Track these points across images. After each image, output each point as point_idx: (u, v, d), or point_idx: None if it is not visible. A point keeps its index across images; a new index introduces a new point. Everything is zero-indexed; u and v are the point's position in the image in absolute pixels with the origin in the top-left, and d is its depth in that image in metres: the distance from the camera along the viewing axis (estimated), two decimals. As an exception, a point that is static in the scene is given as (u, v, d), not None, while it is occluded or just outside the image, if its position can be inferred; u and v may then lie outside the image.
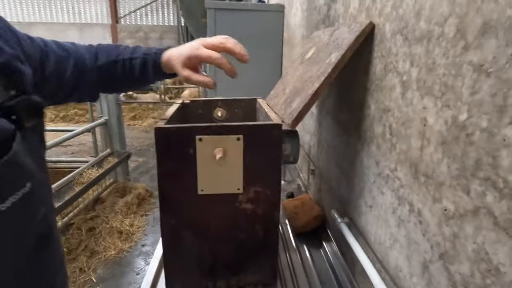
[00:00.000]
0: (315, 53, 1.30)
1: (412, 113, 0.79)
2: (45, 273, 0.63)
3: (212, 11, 2.62)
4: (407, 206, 0.82)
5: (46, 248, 0.62)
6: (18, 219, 0.52)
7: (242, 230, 0.98)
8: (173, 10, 14.37)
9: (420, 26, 0.75)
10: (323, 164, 1.52)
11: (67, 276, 0.74)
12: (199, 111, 1.38)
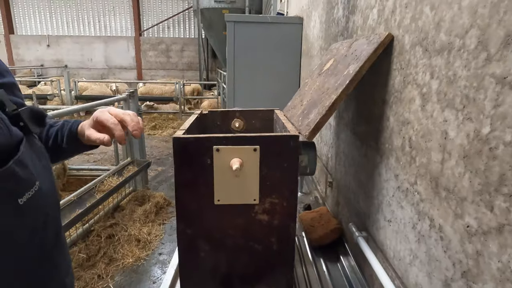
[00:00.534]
0: (333, 64, 1.30)
1: (432, 126, 0.77)
2: (57, 271, 0.68)
3: (232, 24, 2.67)
4: (428, 221, 0.79)
5: (57, 246, 0.69)
6: (32, 214, 0.59)
7: (258, 241, 0.97)
8: (194, 23, 14.72)
9: (440, 38, 0.74)
10: (341, 177, 1.50)
11: (74, 278, 0.79)
12: (217, 121, 1.40)
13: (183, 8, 14.81)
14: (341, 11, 1.55)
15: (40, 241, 0.63)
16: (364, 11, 1.24)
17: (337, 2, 1.63)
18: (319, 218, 1.47)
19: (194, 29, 14.94)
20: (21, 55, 15.63)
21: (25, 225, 0.58)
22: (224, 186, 0.91)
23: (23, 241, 0.59)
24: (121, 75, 15.32)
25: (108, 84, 10.20)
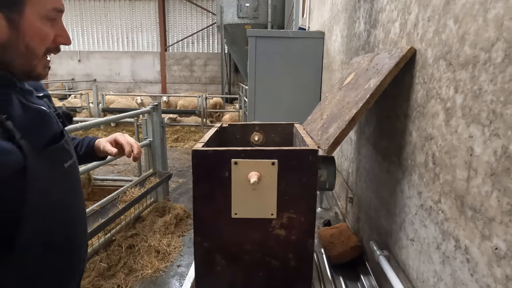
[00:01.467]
0: (354, 78, 1.29)
1: (457, 142, 0.74)
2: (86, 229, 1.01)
3: (253, 39, 2.71)
4: (453, 241, 0.76)
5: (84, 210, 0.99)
6: (72, 176, 0.89)
7: (275, 257, 0.96)
8: (217, 39, 15.07)
9: (465, 51, 0.72)
10: (362, 192, 1.47)
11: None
12: (236, 135, 1.40)
13: (207, 24, 15.22)
14: (363, 25, 1.55)
15: (79, 201, 0.93)
16: (386, 25, 1.23)
17: (359, 17, 1.63)
18: (339, 234, 1.43)
19: (217, 44, 15.28)
20: (54, 69, 16.46)
21: (70, 181, 0.88)
22: (242, 200, 0.91)
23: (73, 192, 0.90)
24: (146, 89, 15.81)
25: (134, 97, 10.53)
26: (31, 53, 0.77)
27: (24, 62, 0.77)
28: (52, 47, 0.81)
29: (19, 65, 0.77)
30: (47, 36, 0.78)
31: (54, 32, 0.80)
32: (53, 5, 0.77)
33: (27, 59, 0.77)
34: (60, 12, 0.80)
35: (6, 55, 0.74)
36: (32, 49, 0.77)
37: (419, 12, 0.96)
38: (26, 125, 0.75)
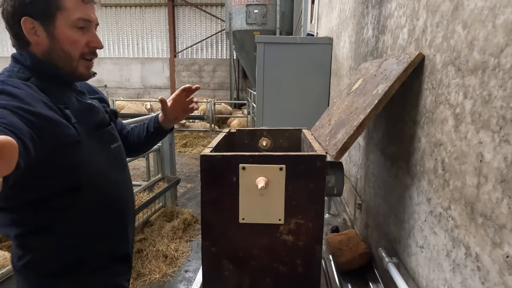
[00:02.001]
0: (362, 84, 1.29)
1: (467, 148, 0.74)
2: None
3: (262, 45, 2.73)
4: (463, 249, 0.75)
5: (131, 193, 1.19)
6: (118, 155, 1.08)
7: (282, 263, 0.95)
8: (226, 45, 15.19)
9: (474, 57, 0.72)
10: (371, 198, 1.45)
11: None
12: (244, 140, 1.41)
13: (216, 31, 15.35)
14: (371, 31, 1.55)
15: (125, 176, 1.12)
16: (394, 31, 1.23)
17: (367, 23, 1.63)
18: (347, 241, 1.42)
19: (226, 50, 15.39)
20: (66, 75, 16.72)
21: (117, 160, 1.07)
22: (249, 205, 0.91)
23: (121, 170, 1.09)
24: (155, 95, 15.97)
25: (143, 103, 10.65)
26: (68, 57, 0.93)
27: (65, 64, 0.94)
28: (86, 51, 0.96)
29: (63, 67, 0.94)
30: (78, 42, 0.93)
31: (86, 39, 0.95)
32: (79, 16, 0.91)
33: (67, 62, 0.94)
34: (88, 21, 0.94)
35: (52, 59, 0.93)
36: (68, 53, 0.93)
37: (428, 18, 0.95)
38: (79, 114, 0.94)
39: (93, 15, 0.95)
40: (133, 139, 1.29)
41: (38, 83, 0.88)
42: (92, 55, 0.99)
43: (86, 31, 0.94)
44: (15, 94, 0.78)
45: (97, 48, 0.98)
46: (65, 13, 0.89)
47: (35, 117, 0.76)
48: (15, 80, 0.84)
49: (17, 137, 0.65)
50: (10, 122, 0.68)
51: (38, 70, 0.91)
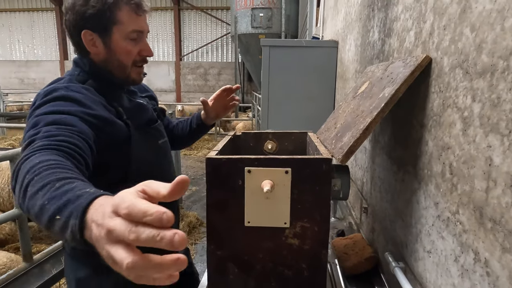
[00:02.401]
0: (368, 87, 1.28)
1: (475, 152, 0.73)
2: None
3: (267, 48, 2.74)
4: (472, 254, 0.74)
5: None
6: (164, 151, 1.18)
7: (288, 267, 0.95)
8: (231, 48, 15.25)
9: (482, 60, 0.71)
10: (377, 202, 1.44)
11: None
12: (250, 143, 1.41)
13: (222, 34, 15.43)
14: (377, 34, 1.54)
15: (170, 169, 1.19)
16: (401, 33, 1.22)
17: (373, 26, 1.62)
18: (353, 245, 1.41)
19: (231, 54, 15.45)
20: (73, 79, 16.88)
21: (163, 158, 1.13)
22: (255, 208, 0.91)
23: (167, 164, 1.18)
24: (161, 97, 16.05)
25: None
26: (122, 65, 1.03)
27: (119, 72, 1.04)
28: (138, 59, 1.05)
29: (117, 74, 1.05)
30: (131, 52, 1.03)
31: (138, 48, 1.03)
32: (132, 28, 1.00)
33: (121, 70, 1.04)
34: (140, 32, 1.03)
35: (108, 66, 1.03)
36: (122, 62, 1.03)
37: (435, 20, 0.95)
38: (130, 112, 1.06)
39: (145, 25, 1.04)
40: (177, 133, 1.42)
41: (95, 85, 1.01)
42: (143, 62, 1.08)
43: (139, 41, 1.04)
44: (78, 100, 0.90)
45: (147, 56, 1.07)
46: (120, 26, 0.98)
47: (96, 119, 0.90)
48: (76, 85, 0.96)
49: (86, 142, 0.81)
50: (80, 129, 0.82)
51: (96, 74, 1.03)
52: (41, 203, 0.56)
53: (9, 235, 3.37)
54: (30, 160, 0.66)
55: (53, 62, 16.86)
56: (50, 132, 0.76)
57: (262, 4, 10.00)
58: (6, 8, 16.51)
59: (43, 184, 0.59)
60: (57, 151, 0.71)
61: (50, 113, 0.83)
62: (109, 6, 0.95)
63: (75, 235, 0.48)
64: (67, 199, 0.53)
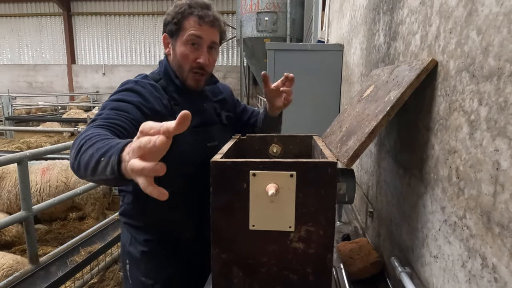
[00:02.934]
0: (373, 91, 1.28)
1: (482, 156, 0.72)
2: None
3: (272, 52, 2.74)
4: (479, 259, 0.73)
5: None
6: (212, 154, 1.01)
7: (293, 271, 0.94)
8: (237, 52, 15.31)
9: (489, 63, 0.71)
10: (383, 206, 1.43)
11: None
12: (255, 146, 1.41)
13: (227, 38, 15.50)
14: (382, 37, 1.54)
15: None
16: (406, 37, 1.22)
17: (378, 29, 1.62)
18: (359, 249, 1.40)
19: (237, 57, 15.50)
20: (80, 82, 17.11)
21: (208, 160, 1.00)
22: (260, 211, 0.91)
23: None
24: (167, 101, 16.11)
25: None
26: (181, 68, 1.17)
27: (180, 74, 1.18)
28: (195, 66, 1.15)
29: (179, 77, 1.18)
30: (188, 56, 1.14)
31: (195, 55, 1.14)
32: (189, 32, 1.12)
33: (180, 72, 1.18)
34: (198, 38, 1.13)
35: (174, 68, 1.18)
36: (181, 65, 1.16)
37: (441, 24, 0.94)
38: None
39: (204, 34, 1.13)
40: (258, 127, 1.46)
41: (164, 84, 1.17)
42: (200, 70, 1.17)
43: (198, 48, 1.14)
44: (140, 92, 1.08)
45: (202, 64, 1.15)
46: (184, 32, 1.13)
47: (149, 110, 1.06)
48: (145, 81, 1.13)
49: (135, 127, 0.96)
50: (133, 116, 1.00)
51: (166, 75, 1.20)
52: (90, 153, 0.77)
53: (16, 237, 3.40)
54: (85, 132, 0.87)
55: (60, 66, 17.05)
56: (109, 115, 0.96)
57: (267, 8, 10.03)
58: (15, 13, 16.77)
59: (92, 143, 0.79)
60: (108, 129, 0.90)
61: (115, 100, 1.04)
62: (180, 16, 1.12)
63: (113, 168, 0.68)
64: (109, 146, 0.74)
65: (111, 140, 0.78)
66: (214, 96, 1.33)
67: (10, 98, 9.66)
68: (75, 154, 0.83)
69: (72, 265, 2.40)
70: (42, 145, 7.59)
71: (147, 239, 1.23)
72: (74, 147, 0.85)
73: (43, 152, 2.53)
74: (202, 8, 1.14)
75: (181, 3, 1.15)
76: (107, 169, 0.70)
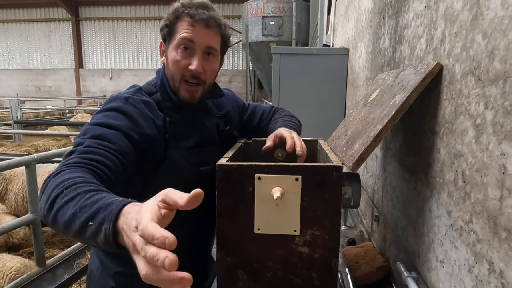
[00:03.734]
0: (378, 95, 1.28)
1: (488, 160, 0.72)
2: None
3: (278, 56, 2.75)
4: (486, 264, 0.72)
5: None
6: (204, 180, 0.97)
7: (298, 275, 0.94)
8: (242, 56, 15.37)
9: (494, 67, 0.71)
10: (388, 211, 1.42)
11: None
12: (260, 150, 1.41)
13: (233, 42, 15.58)
14: (388, 41, 1.54)
15: (212, 205, 0.92)
16: (412, 41, 1.22)
17: (384, 33, 1.62)
18: (364, 254, 1.39)
19: (242, 61, 15.57)
20: (87, 86, 17.29)
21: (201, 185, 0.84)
22: (265, 215, 0.91)
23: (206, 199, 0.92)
24: (173, 105, 16.21)
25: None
26: (173, 77, 1.01)
27: (172, 84, 1.03)
28: (187, 74, 0.99)
29: (172, 86, 1.03)
30: (179, 62, 0.98)
31: (187, 61, 0.98)
32: (180, 35, 0.97)
33: (172, 82, 1.02)
34: (190, 42, 0.97)
35: (167, 77, 1.03)
36: (173, 73, 1.00)
37: (446, 27, 0.94)
38: (182, 130, 1.03)
39: (198, 37, 0.97)
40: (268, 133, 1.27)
41: (160, 99, 1.02)
42: (193, 79, 1.00)
43: (191, 54, 0.98)
44: (128, 113, 0.93)
45: (193, 71, 0.98)
46: (176, 35, 0.98)
47: (138, 135, 0.91)
48: (136, 98, 0.98)
49: (120, 161, 0.83)
50: (118, 147, 0.85)
51: (162, 87, 1.05)
52: (72, 212, 0.62)
53: (24, 240, 3.43)
54: (60, 175, 0.72)
55: (68, 70, 17.26)
56: (89, 147, 0.81)
57: (273, 13, 10.07)
58: (25, 18, 17.05)
59: (73, 196, 0.64)
60: (88, 170, 0.76)
61: (100, 125, 0.88)
62: (174, 18, 0.99)
63: (108, 239, 0.55)
64: (98, 207, 0.60)
65: (96, 194, 0.64)
66: (219, 110, 1.17)
67: (19, 102, 9.80)
68: (48, 205, 0.67)
69: (78, 267, 2.41)
70: (49, 148, 7.67)
71: (119, 271, 1.05)
72: (45, 193, 0.70)
73: (50, 155, 2.56)
74: (197, 8, 0.97)
75: (176, 4, 1.00)
76: (98, 236, 0.58)
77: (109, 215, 0.56)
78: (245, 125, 1.31)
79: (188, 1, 0.98)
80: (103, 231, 0.56)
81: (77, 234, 0.62)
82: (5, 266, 2.36)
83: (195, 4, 0.98)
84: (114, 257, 1.07)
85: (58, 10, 16.70)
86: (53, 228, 0.69)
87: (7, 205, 3.63)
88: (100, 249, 1.09)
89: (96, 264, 1.10)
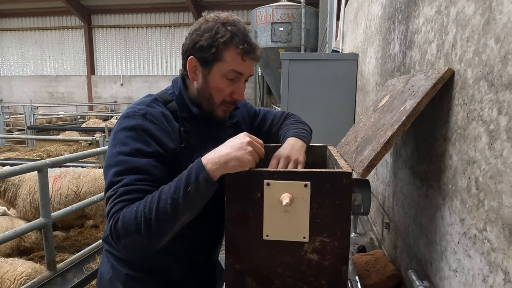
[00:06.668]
0: (389, 101, 1.27)
1: (503, 166, 0.70)
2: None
3: (287, 61, 2.76)
4: (501, 274, 0.70)
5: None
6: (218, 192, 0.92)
7: (307, 283, 0.93)
8: (251, 62, 15.44)
9: (508, 71, 0.69)
10: (399, 218, 1.40)
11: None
12: (269, 156, 1.41)
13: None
14: (398, 46, 1.53)
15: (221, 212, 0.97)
16: (422, 46, 1.21)
17: (393, 38, 1.61)
18: (375, 262, 1.37)
19: (251, 67, 15.62)
20: (99, 92, 17.58)
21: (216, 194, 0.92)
22: (274, 221, 0.90)
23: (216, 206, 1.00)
24: (182, 111, 16.34)
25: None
26: (211, 100, 1.05)
27: (207, 105, 1.07)
28: (228, 100, 1.06)
29: (205, 106, 1.07)
30: (223, 90, 1.03)
31: (231, 89, 1.04)
32: (232, 68, 1.00)
33: (209, 104, 1.06)
34: (239, 74, 1.02)
35: (199, 96, 1.07)
36: (212, 97, 1.04)
37: (457, 32, 0.93)
38: (198, 142, 1.06)
39: (245, 69, 1.03)
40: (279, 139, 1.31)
41: (175, 108, 1.06)
42: (232, 104, 1.09)
43: (235, 82, 1.04)
44: (151, 133, 0.95)
45: (236, 99, 1.07)
46: (222, 64, 1.00)
47: (166, 151, 0.97)
48: (154, 112, 0.99)
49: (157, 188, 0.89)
50: (155, 177, 0.92)
51: (179, 99, 1.08)
52: (169, 201, 0.83)
53: (35, 244, 3.48)
54: (124, 211, 0.85)
55: (80, 77, 17.58)
56: (129, 185, 0.88)
57: (282, 19, 10.12)
58: (39, 26, 17.47)
59: (156, 199, 0.84)
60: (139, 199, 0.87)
61: (128, 155, 0.91)
62: (219, 44, 0.98)
63: (209, 181, 0.84)
64: (178, 181, 0.85)
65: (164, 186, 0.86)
66: (230, 119, 1.20)
67: (32, 108, 10.00)
68: (144, 223, 0.82)
69: (88, 272, 2.43)
70: (61, 153, 7.79)
71: (129, 274, 1.07)
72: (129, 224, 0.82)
73: (62, 160, 2.59)
74: (245, 37, 1.00)
75: (218, 27, 0.99)
76: (199, 189, 0.82)
77: (195, 171, 0.84)
78: (256, 130, 1.32)
79: (235, 27, 1.00)
80: (201, 182, 0.83)
81: (186, 206, 0.83)
82: (16, 271, 2.39)
83: (243, 32, 1.01)
84: (124, 261, 1.08)
85: (71, 18, 17.08)
86: (161, 235, 0.84)
87: (17, 210, 3.69)
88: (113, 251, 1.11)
89: (106, 268, 1.11)
